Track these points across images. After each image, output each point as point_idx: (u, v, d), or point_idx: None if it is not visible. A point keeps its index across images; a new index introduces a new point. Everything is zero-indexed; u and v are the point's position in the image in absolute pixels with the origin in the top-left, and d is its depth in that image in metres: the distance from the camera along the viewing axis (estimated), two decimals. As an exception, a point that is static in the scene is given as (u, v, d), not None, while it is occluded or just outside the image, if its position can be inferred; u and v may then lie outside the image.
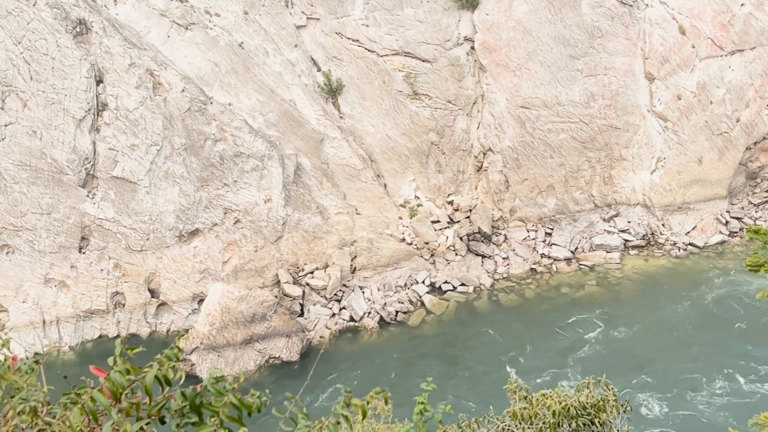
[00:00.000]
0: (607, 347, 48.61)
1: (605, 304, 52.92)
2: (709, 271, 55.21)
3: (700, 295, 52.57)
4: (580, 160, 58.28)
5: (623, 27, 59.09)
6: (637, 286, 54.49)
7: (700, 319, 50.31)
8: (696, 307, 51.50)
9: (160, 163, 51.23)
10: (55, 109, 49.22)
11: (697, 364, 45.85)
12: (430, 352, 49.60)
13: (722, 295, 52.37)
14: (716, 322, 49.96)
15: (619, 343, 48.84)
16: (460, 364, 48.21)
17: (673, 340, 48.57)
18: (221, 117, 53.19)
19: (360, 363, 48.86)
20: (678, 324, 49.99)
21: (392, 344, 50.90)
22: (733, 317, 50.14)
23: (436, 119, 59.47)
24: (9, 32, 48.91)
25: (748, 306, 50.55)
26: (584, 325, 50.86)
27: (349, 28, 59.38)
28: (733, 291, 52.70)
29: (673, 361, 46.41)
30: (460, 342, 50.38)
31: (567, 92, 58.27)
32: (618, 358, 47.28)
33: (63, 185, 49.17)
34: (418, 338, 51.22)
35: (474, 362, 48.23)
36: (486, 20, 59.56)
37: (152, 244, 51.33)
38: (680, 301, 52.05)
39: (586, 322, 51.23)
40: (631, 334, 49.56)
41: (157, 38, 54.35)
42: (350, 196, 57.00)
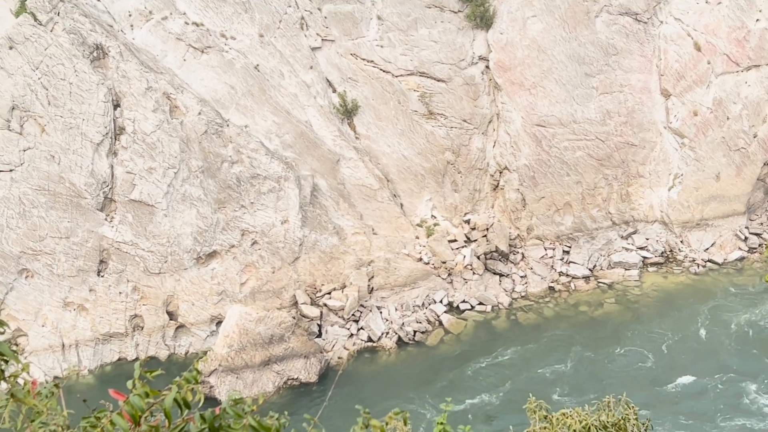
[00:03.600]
0: (627, 365, 48.28)
1: (624, 322, 52.58)
2: (729, 287, 54.79)
3: (719, 313, 52.15)
4: (597, 177, 58.11)
5: (638, 44, 59.06)
6: (656, 303, 54.12)
7: (720, 336, 49.90)
8: (716, 324, 51.08)
9: (178, 186, 51.44)
10: (73, 134, 49.58)
11: (718, 382, 45.45)
12: (449, 371, 49.38)
13: (742, 312, 51.92)
14: (737, 339, 49.53)
15: (639, 362, 48.50)
16: (479, 384, 47.97)
17: (693, 359, 48.17)
18: (238, 139, 53.42)
19: (378, 383, 48.69)
20: (698, 342, 49.60)
21: (411, 364, 50.73)
22: (753, 334, 49.71)
23: (451, 138, 59.49)
24: (27, 58, 49.38)
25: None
26: (603, 343, 50.51)
27: (364, 49, 59.60)
28: (753, 308, 52.28)
29: (694, 380, 46.03)
30: (478, 361, 50.12)
31: (583, 110, 58.20)
32: (638, 376, 46.95)
33: (81, 209, 49.45)
34: (437, 358, 51.02)
35: (493, 382, 47.98)
36: (500, 39, 59.66)
37: (170, 266, 51.46)
38: (700, 319, 51.65)
39: (606, 340, 50.89)
40: (652, 353, 49.19)
41: (174, 62, 54.70)
42: (367, 216, 56.98)
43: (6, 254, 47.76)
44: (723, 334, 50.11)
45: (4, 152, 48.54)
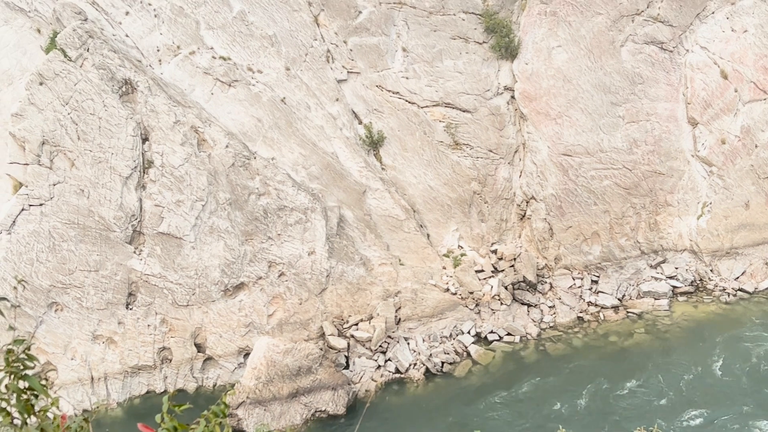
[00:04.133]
0: (658, 396, 47.68)
1: (655, 353, 51.99)
2: (761, 317, 54.09)
3: (751, 342, 51.45)
4: (625, 206, 57.82)
5: (664, 73, 58.95)
6: (687, 333, 53.51)
7: (752, 367, 49.18)
8: (748, 354, 50.37)
9: (205, 218, 51.71)
10: (102, 168, 50.06)
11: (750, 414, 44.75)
12: (478, 403, 48.98)
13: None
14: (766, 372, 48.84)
15: (670, 392, 47.87)
16: (508, 416, 47.54)
17: (725, 390, 47.48)
18: (265, 171, 53.70)
19: (406, 415, 48.39)
20: (730, 373, 48.90)
21: (439, 396, 50.39)
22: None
23: (477, 168, 59.51)
24: (57, 93, 50.03)
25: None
26: (633, 373, 49.94)
27: (390, 80, 59.95)
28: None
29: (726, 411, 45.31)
30: (507, 393, 49.69)
31: (609, 139, 58.08)
32: (669, 407, 46.35)
33: (110, 242, 49.81)
34: (465, 389, 50.64)
35: (522, 413, 47.53)
36: (525, 69, 59.82)
37: (198, 298, 51.62)
38: (732, 349, 50.97)
39: (636, 370, 50.31)
40: (683, 383, 48.55)
41: (201, 96, 55.24)
42: (393, 246, 56.96)
43: (36, 288, 48.15)
44: (755, 365, 49.38)
45: (34, 187, 49.07)
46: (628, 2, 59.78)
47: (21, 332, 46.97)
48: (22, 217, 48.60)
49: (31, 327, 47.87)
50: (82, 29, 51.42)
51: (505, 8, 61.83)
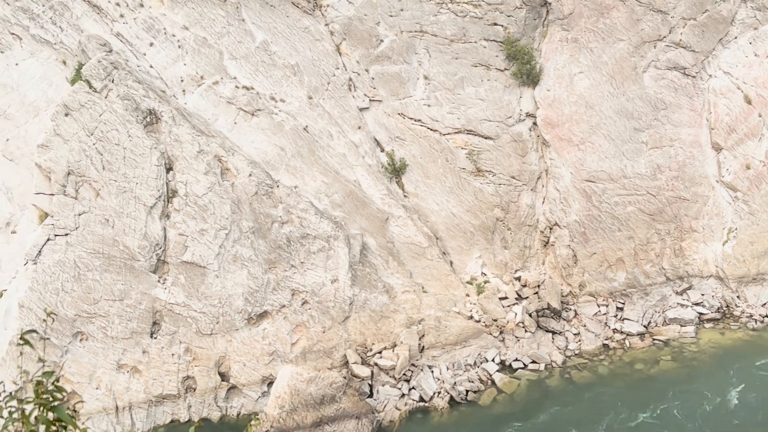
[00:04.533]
0: (686, 425, 47.13)
1: (682, 380, 51.44)
2: (788, 343, 53.59)
3: (778, 370, 50.94)
4: (649, 232, 57.48)
5: (687, 98, 58.80)
6: (714, 360, 52.92)
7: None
8: None
9: (229, 247, 51.84)
10: (127, 197, 50.37)
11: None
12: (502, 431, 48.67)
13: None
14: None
15: (697, 421, 47.32)
16: (534, 445, 47.16)
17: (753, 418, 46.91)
18: (288, 199, 53.84)
19: (431, 445, 48.11)
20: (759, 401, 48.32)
21: (463, 424, 50.01)
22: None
23: (500, 195, 59.44)
24: (82, 124, 50.48)
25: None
26: (660, 401, 49.41)
27: (411, 108, 60.14)
28: (816, 364, 51.01)
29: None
30: (532, 421, 49.27)
31: (633, 165, 57.88)
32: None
33: (135, 271, 50.02)
34: (490, 418, 50.24)
35: (548, 443, 47.15)
36: (547, 96, 59.84)
37: (222, 327, 51.64)
38: (760, 377, 50.38)
39: (663, 398, 49.78)
40: (710, 412, 47.97)
41: (225, 125, 55.60)
42: (416, 274, 56.84)
43: (61, 318, 48.36)
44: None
45: (60, 217, 49.41)
46: (650, 28, 59.81)
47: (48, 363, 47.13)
48: (47, 247, 48.93)
49: (57, 356, 48.05)
50: (107, 60, 51.96)
51: (527, 35, 62.03)
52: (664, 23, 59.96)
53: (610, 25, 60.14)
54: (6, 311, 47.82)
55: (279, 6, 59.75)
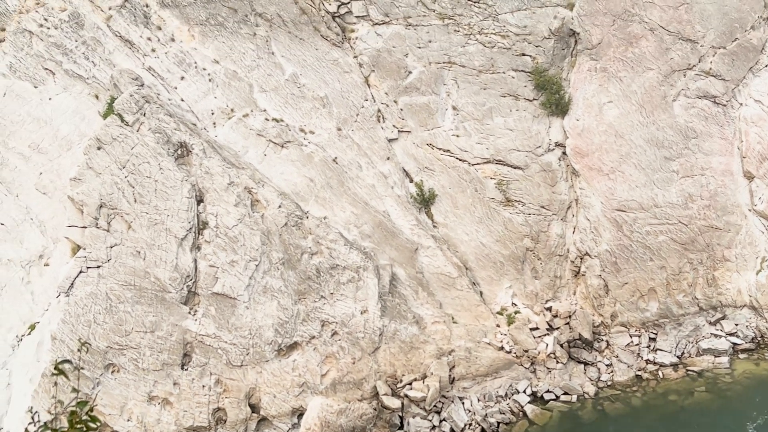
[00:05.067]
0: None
1: (716, 412, 50.75)
2: (825, 374, 52.78)
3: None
4: (682, 262, 56.99)
5: (718, 127, 58.50)
6: (749, 392, 52.17)
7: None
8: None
9: (259, 278, 51.97)
10: (158, 230, 50.72)
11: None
12: (535, 465, 48.20)
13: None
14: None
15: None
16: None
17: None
18: (317, 230, 53.98)
19: (463, 478, 47.67)
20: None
21: (495, 457, 49.67)
22: None
23: (530, 225, 59.29)
24: (114, 157, 51.01)
25: None
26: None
27: (440, 139, 60.35)
28: None
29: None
30: (565, 454, 48.86)
31: (664, 194, 57.55)
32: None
33: (166, 303, 50.23)
34: (522, 451, 49.90)
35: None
36: (577, 126, 59.79)
37: (252, 358, 51.65)
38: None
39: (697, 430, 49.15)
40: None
41: (255, 157, 56.03)
42: (446, 304, 56.68)
43: (93, 350, 48.61)
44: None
45: (92, 249, 49.82)
46: (680, 57, 59.70)
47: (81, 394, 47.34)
48: (80, 279, 49.30)
49: (89, 388, 48.26)
50: (139, 94, 52.60)
51: (555, 65, 62.15)
52: (694, 52, 59.85)
53: (639, 54, 60.12)
54: (39, 343, 48.17)
55: (308, 39, 60.35)
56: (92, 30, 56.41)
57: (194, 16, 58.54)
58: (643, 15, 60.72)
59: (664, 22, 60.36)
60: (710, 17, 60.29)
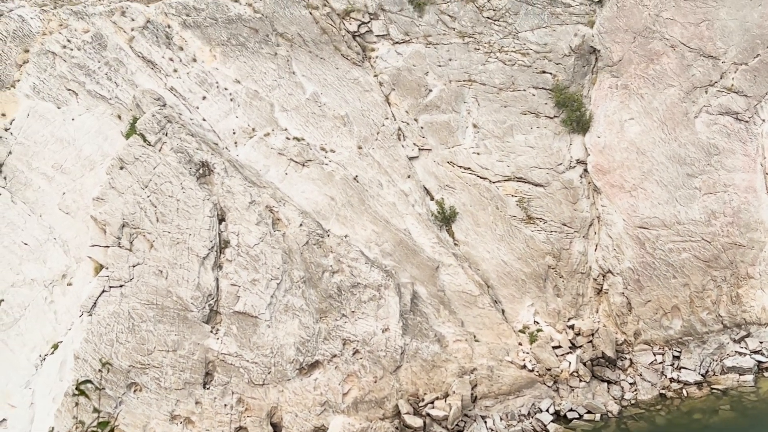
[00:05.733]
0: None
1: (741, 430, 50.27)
2: None
3: None
4: (705, 279, 56.58)
5: (740, 143, 58.19)
6: (774, 410, 51.71)
7: None
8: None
9: (280, 297, 52.03)
10: (180, 249, 50.92)
11: None
12: (559, 485, 47.83)
13: None
14: None
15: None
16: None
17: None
18: (338, 249, 54.05)
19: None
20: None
21: (518, 477, 49.34)
22: None
23: (551, 243, 59.14)
24: (136, 177, 51.33)
25: None
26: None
27: (461, 156, 60.41)
28: None
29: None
30: (589, 474, 48.50)
31: (686, 211, 57.23)
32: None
33: (188, 322, 50.36)
34: (545, 470, 49.54)
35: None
36: (598, 143, 59.69)
37: (273, 377, 51.65)
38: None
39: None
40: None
41: (276, 176, 56.25)
42: (468, 322, 56.52)
43: (116, 369, 48.77)
44: None
45: (114, 268, 50.07)
46: (701, 74, 59.50)
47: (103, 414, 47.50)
48: (102, 298, 49.52)
49: (111, 408, 48.38)
50: (161, 114, 52.96)
51: (576, 82, 62.12)
52: (715, 68, 59.65)
53: (660, 71, 59.99)
54: (62, 363, 48.38)
55: (329, 59, 60.67)
56: (115, 51, 56.92)
57: (216, 37, 58.98)
58: (664, 32, 60.62)
59: (685, 38, 60.24)
60: (732, 33, 60.08)
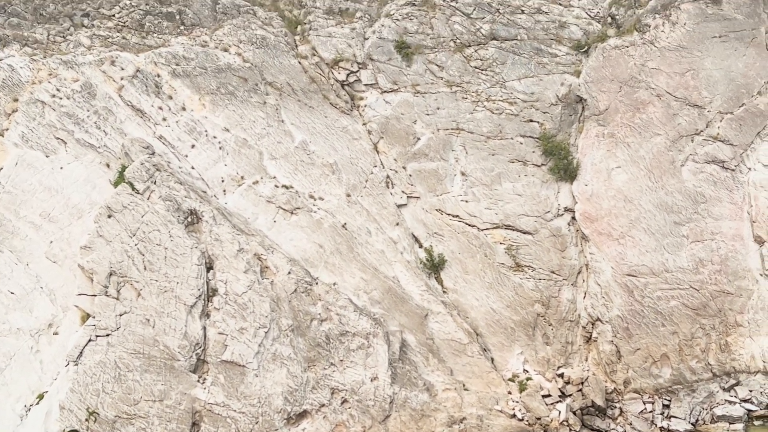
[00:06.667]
0: None
1: (733, 480, 50.12)
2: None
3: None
4: (694, 327, 56.57)
5: (727, 191, 58.56)
6: (766, 459, 51.52)
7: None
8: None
9: (268, 345, 51.71)
10: (168, 297, 50.65)
11: None
12: None
13: None
14: None
15: None
16: None
17: None
18: (326, 297, 53.91)
19: None
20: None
21: None
22: None
23: (540, 290, 59.15)
24: (124, 225, 51.21)
25: None
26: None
27: (449, 204, 60.63)
28: None
29: None
30: None
31: (674, 258, 57.40)
32: None
33: (174, 371, 49.91)
34: None
35: None
36: (585, 191, 60.02)
37: (261, 427, 51.11)
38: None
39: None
40: None
41: (264, 223, 56.26)
42: (457, 371, 56.26)
43: (102, 419, 48.15)
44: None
45: (101, 317, 49.69)
46: (687, 122, 60.06)
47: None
48: (89, 347, 49.08)
49: (96, 459, 47.73)
50: (150, 163, 53.04)
51: (563, 131, 62.62)
52: (701, 117, 60.22)
53: (647, 120, 60.56)
54: (47, 413, 47.78)
55: (317, 107, 61.11)
56: (104, 100, 57.12)
57: (205, 86, 59.32)
58: (650, 81, 61.28)
59: (671, 88, 60.90)
60: (717, 83, 60.77)
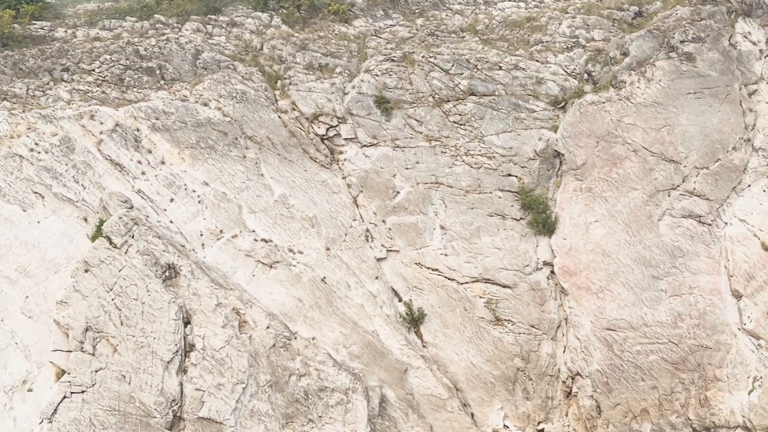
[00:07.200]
0: None
1: None
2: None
3: None
4: (673, 382, 56.54)
5: (704, 246, 58.95)
6: None
7: None
8: None
9: (246, 402, 51.17)
10: (144, 353, 50.13)
11: None
12: None
13: None
14: None
15: None
16: None
17: None
18: (305, 351, 53.56)
19: None
20: None
21: None
22: None
23: (520, 344, 59.04)
24: (101, 280, 50.85)
25: None
26: None
27: (429, 258, 60.64)
28: None
29: None
30: None
31: (653, 313, 57.53)
32: None
33: (150, 429, 49.21)
34: None
35: None
36: (564, 245, 60.26)
37: (238, 486, 50.49)
38: None
39: None
40: None
41: (243, 277, 55.96)
42: (437, 427, 55.89)
43: (75, 479, 47.47)
44: None
45: (76, 374, 49.02)
46: (663, 177, 60.63)
47: None
48: (63, 404, 48.34)
49: None
50: (128, 217, 52.84)
51: (541, 185, 63.03)
52: (677, 172, 60.83)
53: (624, 174, 61.10)
54: (19, 473, 47.02)
55: (297, 161, 61.25)
56: (83, 154, 57.02)
57: (184, 140, 59.40)
58: (626, 137, 61.98)
59: (647, 143, 61.59)
60: (692, 139, 61.52)
